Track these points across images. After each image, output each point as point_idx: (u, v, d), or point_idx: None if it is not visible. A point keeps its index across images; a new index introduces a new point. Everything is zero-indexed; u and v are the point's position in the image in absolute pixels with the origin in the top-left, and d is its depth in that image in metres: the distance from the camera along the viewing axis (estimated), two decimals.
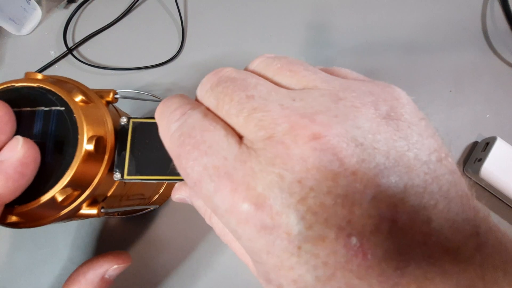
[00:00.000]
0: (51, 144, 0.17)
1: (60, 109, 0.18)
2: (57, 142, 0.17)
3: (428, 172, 0.10)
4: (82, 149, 0.17)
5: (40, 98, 0.18)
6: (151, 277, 0.32)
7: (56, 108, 0.18)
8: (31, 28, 0.38)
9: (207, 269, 0.32)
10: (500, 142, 0.32)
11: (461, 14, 0.38)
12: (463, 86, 0.37)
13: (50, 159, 0.17)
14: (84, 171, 0.17)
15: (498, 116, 0.36)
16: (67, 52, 0.37)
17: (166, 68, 0.37)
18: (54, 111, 0.18)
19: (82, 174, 0.17)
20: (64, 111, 0.18)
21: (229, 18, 0.38)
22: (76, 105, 0.18)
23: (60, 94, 0.18)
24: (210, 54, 0.37)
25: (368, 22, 0.38)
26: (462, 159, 0.35)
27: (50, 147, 0.17)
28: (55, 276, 0.32)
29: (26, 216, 0.17)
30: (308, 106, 0.11)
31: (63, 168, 0.17)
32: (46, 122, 0.18)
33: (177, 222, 0.33)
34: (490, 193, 0.33)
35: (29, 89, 0.18)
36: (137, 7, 0.39)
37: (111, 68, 0.36)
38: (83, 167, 0.17)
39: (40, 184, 0.17)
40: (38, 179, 0.17)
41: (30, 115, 0.18)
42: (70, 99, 0.18)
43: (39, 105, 0.18)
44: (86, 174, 0.18)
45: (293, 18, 0.38)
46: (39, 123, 0.18)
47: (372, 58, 0.37)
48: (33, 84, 0.18)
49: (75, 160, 0.17)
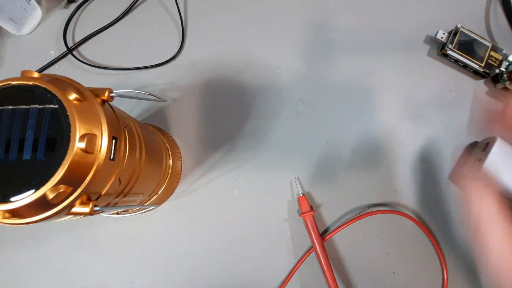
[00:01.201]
0: (43, 142, 0.17)
1: (54, 107, 0.18)
2: (49, 140, 0.17)
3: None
4: (74, 147, 0.17)
5: (35, 96, 0.18)
6: (150, 277, 0.32)
7: (50, 106, 0.18)
8: (31, 28, 0.38)
9: (205, 269, 0.32)
10: (500, 142, 0.32)
11: (463, 14, 0.38)
12: (463, 86, 0.37)
13: (43, 156, 0.17)
14: (76, 168, 0.18)
15: (498, 116, 0.36)
16: (67, 52, 0.37)
17: (166, 68, 0.37)
18: (48, 108, 0.18)
19: (74, 171, 0.17)
20: (57, 109, 0.18)
21: (229, 18, 0.38)
22: (69, 103, 0.18)
23: (54, 92, 0.18)
24: (210, 54, 0.37)
25: (368, 22, 0.38)
26: (462, 159, 0.35)
27: (43, 145, 0.17)
28: (55, 276, 0.32)
29: (16, 213, 0.17)
30: None
31: (55, 165, 0.17)
32: (39, 120, 0.18)
33: (174, 222, 0.33)
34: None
35: (25, 87, 0.18)
36: (137, 7, 0.39)
37: (111, 68, 0.36)
38: (75, 164, 0.17)
39: (31, 181, 0.17)
40: (29, 176, 0.17)
41: (24, 112, 0.18)
42: (64, 97, 0.18)
43: (33, 103, 0.18)
44: (78, 172, 0.18)
45: (293, 18, 0.38)
46: (32, 120, 0.18)
47: (372, 58, 0.37)
48: (29, 82, 0.18)
49: (66, 158, 0.17)
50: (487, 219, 0.24)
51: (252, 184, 0.33)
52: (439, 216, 0.33)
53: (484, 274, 0.32)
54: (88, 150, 0.18)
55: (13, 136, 0.18)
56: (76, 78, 0.20)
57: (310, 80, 0.36)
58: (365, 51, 0.37)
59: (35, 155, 0.17)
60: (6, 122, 0.18)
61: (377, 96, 0.36)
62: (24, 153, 0.17)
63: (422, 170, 0.34)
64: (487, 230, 0.23)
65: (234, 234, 0.32)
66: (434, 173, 0.34)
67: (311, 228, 0.31)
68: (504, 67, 0.35)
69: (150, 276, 0.32)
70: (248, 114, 0.35)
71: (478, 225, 0.24)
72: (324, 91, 0.36)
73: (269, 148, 0.34)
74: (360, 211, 0.33)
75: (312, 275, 0.32)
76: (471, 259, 0.32)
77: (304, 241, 0.32)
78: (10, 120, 0.18)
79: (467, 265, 0.32)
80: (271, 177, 0.34)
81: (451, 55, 0.36)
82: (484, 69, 0.35)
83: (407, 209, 0.33)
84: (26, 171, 0.17)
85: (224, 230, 0.33)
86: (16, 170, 0.17)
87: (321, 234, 0.32)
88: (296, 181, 0.33)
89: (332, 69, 0.37)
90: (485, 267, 0.31)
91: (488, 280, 0.32)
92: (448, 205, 0.34)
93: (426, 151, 0.35)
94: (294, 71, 0.37)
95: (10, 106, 0.18)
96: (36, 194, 0.17)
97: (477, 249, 0.25)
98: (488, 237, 0.23)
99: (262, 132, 0.35)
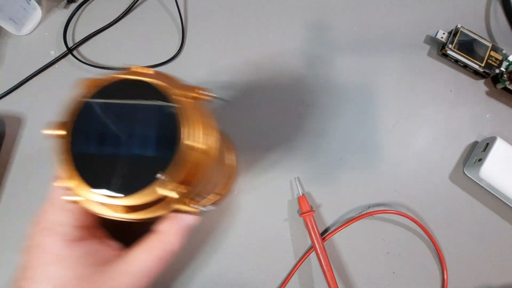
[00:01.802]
0: (158, 139, 0.17)
1: (167, 105, 0.18)
2: (164, 137, 0.17)
3: None
4: (188, 145, 0.17)
5: (149, 92, 0.18)
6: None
7: (163, 103, 0.18)
8: (31, 28, 0.38)
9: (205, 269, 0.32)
10: (500, 142, 0.32)
11: (463, 14, 0.38)
12: (463, 86, 0.37)
13: (158, 153, 0.17)
14: (189, 167, 0.17)
15: (498, 116, 0.36)
16: (67, 52, 0.37)
17: (166, 68, 0.37)
18: (161, 106, 0.18)
19: (188, 170, 0.17)
20: (171, 106, 0.18)
21: (229, 18, 0.38)
22: (182, 101, 0.18)
23: (167, 89, 0.18)
24: (210, 54, 0.37)
25: (368, 22, 0.38)
26: (462, 159, 0.35)
27: (158, 142, 0.17)
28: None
29: (129, 209, 0.17)
30: None
31: (172, 163, 0.17)
32: (152, 116, 0.18)
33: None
34: (490, 193, 0.33)
35: (137, 82, 0.18)
36: (137, 7, 0.39)
37: (111, 68, 0.36)
38: (189, 163, 0.17)
39: (148, 178, 0.17)
40: (146, 173, 0.17)
41: (138, 107, 0.18)
42: (176, 95, 0.18)
43: (146, 99, 0.18)
44: (191, 171, 0.18)
45: (293, 18, 0.38)
46: (146, 116, 0.18)
47: (372, 58, 0.37)
48: (142, 78, 0.18)
49: (182, 156, 0.17)
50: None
51: (252, 184, 0.33)
52: (439, 216, 0.33)
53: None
54: (200, 149, 0.18)
55: (128, 130, 0.18)
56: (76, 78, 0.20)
57: (311, 80, 0.36)
58: (365, 51, 0.37)
59: (149, 151, 0.17)
60: (120, 116, 0.18)
61: (377, 96, 0.36)
62: (139, 148, 0.17)
63: (422, 170, 0.34)
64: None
65: (234, 234, 0.32)
66: (434, 173, 0.34)
67: (311, 228, 0.31)
68: (504, 67, 0.35)
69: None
70: (248, 115, 0.35)
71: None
72: (325, 91, 0.36)
73: (269, 148, 0.34)
74: (360, 211, 0.33)
75: (312, 275, 0.32)
76: (471, 259, 0.32)
77: (304, 241, 0.32)
78: (124, 114, 0.18)
79: (467, 265, 0.32)
80: (271, 177, 0.34)
81: (451, 55, 0.36)
82: (484, 69, 0.35)
83: (407, 209, 0.33)
84: (142, 167, 0.17)
85: (224, 230, 0.33)
86: (131, 166, 0.17)
87: (321, 234, 0.32)
88: (296, 181, 0.33)
89: (333, 69, 0.37)
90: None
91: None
92: (448, 205, 0.34)
93: (426, 151, 0.35)
94: (295, 71, 0.37)
95: (123, 100, 0.18)
96: (150, 191, 0.17)
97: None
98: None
99: (262, 132, 0.35)
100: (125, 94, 0.18)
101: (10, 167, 0.34)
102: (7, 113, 0.35)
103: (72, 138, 0.18)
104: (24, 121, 0.35)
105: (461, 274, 0.32)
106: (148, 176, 0.17)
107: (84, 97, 0.18)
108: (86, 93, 0.18)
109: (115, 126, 0.18)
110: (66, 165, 0.17)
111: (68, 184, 0.17)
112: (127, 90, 0.18)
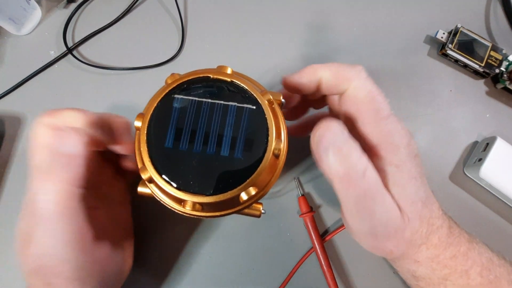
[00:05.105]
0: (242, 141, 0.17)
1: (252, 107, 0.18)
2: (248, 140, 0.17)
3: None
4: (271, 150, 0.17)
5: (233, 93, 0.18)
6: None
7: (248, 105, 0.18)
8: (31, 28, 0.38)
9: (205, 269, 0.32)
10: (500, 142, 0.32)
11: (463, 14, 0.38)
12: (463, 86, 0.37)
13: (241, 155, 0.17)
14: (267, 171, 0.17)
15: (498, 116, 0.36)
16: (67, 52, 0.37)
17: (166, 68, 0.37)
18: (247, 108, 0.18)
19: (265, 174, 0.17)
20: (256, 110, 0.18)
21: (229, 18, 0.38)
22: (266, 106, 0.18)
23: (253, 92, 0.18)
24: (210, 54, 0.37)
25: (368, 22, 0.38)
26: (462, 159, 0.35)
27: (242, 144, 0.17)
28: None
29: (205, 206, 0.17)
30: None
31: (252, 166, 0.17)
32: (238, 118, 0.18)
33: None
34: (490, 193, 0.33)
35: (223, 83, 0.18)
36: (137, 7, 0.39)
37: (111, 68, 0.36)
38: (268, 167, 0.17)
39: (228, 179, 0.17)
40: (227, 173, 0.17)
41: (223, 108, 0.18)
42: (261, 99, 0.18)
43: (232, 100, 0.18)
44: (267, 175, 0.18)
45: (293, 18, 0.38)
46: (231, 117, 0.18)
47: (371, 58, 0.37)
48: (227, 79, 0.18)
49: (264, 160, 0.17)
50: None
51: None
52: None
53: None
54: (278, 153, 0.18)
55: (212, 130, 0.18)
56: (76, 78, 0.20)
57: None
58: (365, 51, 0.37)
59: (233, 153, 0.17)
60: (206, 115, 0.18)
61: None
62: (222, 149, 0.17)
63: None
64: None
65: (233, 234, 0.32)
66: (434, 173, 0.34)
67: (311, 228, 0.31)
68: (504, 67, 0.35)
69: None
70: None
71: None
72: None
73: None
74: None
75: (312, 275, 0.32)
76: None
77: (304, 241, 0.32)
78: (210, 113, 0.18)
79: None
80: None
81: (451, 55, 0.36)
82: (484, 69, 0.35)
83: None
84: (223, 167, 0.17)
85: (224, 230, 0.33)
86: (213, 165, 0.17)
87: (321, 235, 0.32)
88: (296, 181, 0.33)
89: None
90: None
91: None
92: (448, 205, 0.33)
93: (426, 151, 0.35)
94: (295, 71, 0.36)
95: (209, 99, 0.18)
96: (232, 192, 0.17)
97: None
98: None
99: None
100: (210, 93, 0.18)
101: (10, 167, 0.34)
102: (7, 113, 0.35)
103: (161, 133, 0.18)
104: (24, 121, 0.35)
105: None
106: (233, 179, 0.17)
107: (171, 93, 0.18)
108: (172, 88, 0.19)
109: (203, 125, 0.18)
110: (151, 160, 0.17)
111: (150, 176, 0.17)
112: (213, 88, 0.18)
